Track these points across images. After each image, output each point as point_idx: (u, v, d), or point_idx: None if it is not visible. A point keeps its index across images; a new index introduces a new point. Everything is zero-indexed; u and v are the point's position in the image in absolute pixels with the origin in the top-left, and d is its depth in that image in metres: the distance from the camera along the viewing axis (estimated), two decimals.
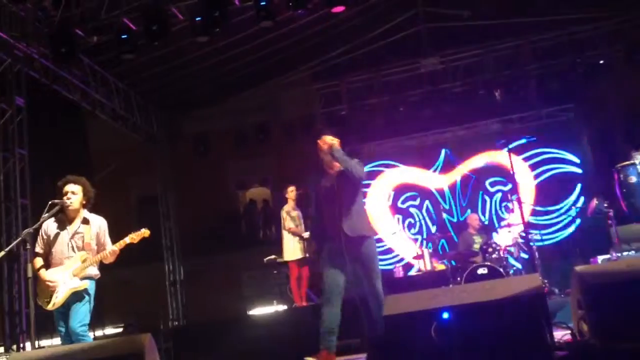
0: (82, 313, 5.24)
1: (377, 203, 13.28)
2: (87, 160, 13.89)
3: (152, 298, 12.36)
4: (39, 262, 5.38)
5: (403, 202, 13.29)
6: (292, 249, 9.15)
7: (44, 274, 5.31)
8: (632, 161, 7.36)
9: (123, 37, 8.42)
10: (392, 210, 13.28)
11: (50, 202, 5.32)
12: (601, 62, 11.70)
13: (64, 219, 5.44)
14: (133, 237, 5.44)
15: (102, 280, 5.46)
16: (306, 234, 9.02)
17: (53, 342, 9.14)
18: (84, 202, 5.48)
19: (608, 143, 12.70)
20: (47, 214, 5.31)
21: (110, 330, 12.21)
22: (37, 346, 5.76)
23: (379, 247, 9.63)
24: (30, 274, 5.25)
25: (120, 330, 12.07)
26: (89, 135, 14.08)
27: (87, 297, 5.30)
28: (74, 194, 5.40)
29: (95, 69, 10.16)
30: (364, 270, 5.39)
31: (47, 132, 11.06)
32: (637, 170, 7.19)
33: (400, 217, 13.19)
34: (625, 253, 7.45)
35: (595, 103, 12.84)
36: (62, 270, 5.31)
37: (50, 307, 5.28)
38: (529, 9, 11.88)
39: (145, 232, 5.51)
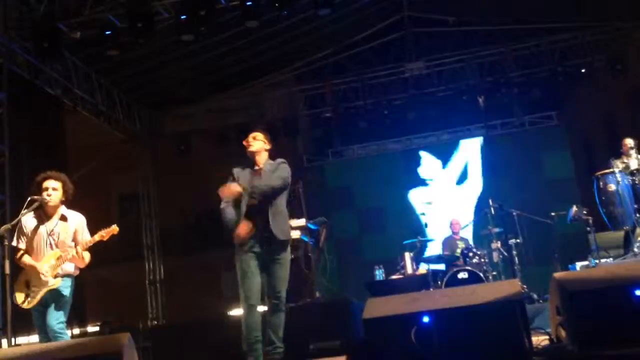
0: (59, 311, 5.17)
1: None
2: (66, 157, 13.76)
3: (132, 297, 12.26)
4: (27, 257, 5.25)
5: None
6: None
7: (38, 265, 5.19)
8: (611, 169, 7.42)
9: (107, 33, 8.36)
10: None
11: (29, 198, 5.24)
12: (583, 70, 11.83)
13: (42, 215, 5.35)
14: (102, 235, 5.31)
15: (81, 278, 5.38)
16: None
17: (30, 340, 9.04)
18: (63, 198, 5.40)
19: (589, 151, 12.85)
20: (26, 210, 5.23)
21: (88, 329, 12.09)
22: (13, 343, 5.66)
23: None
24: (7, 270, 5.16)
25: (96, 328, 11.95)
26: (69, 132, 13.95)
27: (64, 295, 5.22)
28: (54, 190, 5.30)
29: (78, 64, 10.06)
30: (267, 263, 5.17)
31: (26, 127, 10.95)
32: (616, 179, 7.23)
33: None
34: (603, 260, 7.53)
35: (576, 111, 12.99)
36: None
37: (26, 305, 5.20)
38: (512, 17, 11.99)
39: (114, 229, 5.35)
